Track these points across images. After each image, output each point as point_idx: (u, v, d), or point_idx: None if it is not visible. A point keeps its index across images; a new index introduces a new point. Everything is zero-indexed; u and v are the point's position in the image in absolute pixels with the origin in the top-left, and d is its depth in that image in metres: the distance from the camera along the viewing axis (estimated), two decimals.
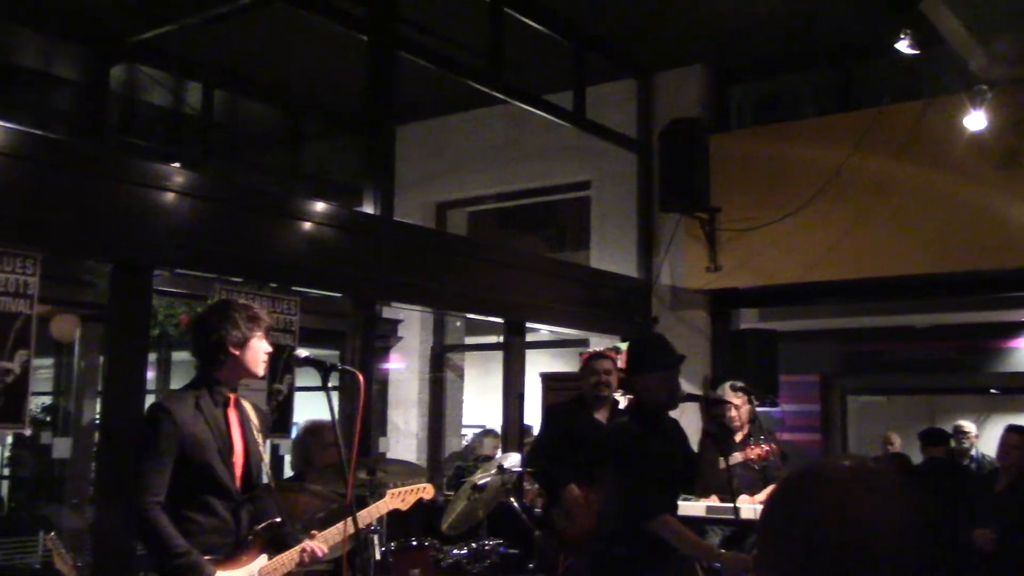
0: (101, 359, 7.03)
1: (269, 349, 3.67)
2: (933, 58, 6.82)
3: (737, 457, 5.93)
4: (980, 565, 5.53)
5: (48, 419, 8.42)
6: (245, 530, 3.55)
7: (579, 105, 8.02)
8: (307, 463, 4.97)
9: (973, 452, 8.38)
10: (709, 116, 8.37)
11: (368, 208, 6.42)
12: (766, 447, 5.82)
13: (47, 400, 8.59)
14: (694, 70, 8.42)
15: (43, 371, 8.24)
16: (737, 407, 6.17)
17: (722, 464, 4.68)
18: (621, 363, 7.17)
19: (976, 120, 6.66)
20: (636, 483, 4.00)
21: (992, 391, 11.13)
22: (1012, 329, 10.08)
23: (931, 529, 1.03)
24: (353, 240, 6.05)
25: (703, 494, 5.74)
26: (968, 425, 8.48)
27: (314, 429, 5.07)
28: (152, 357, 8.06)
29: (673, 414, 4.44)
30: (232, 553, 3.47)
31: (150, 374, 7.50)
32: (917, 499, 1.05)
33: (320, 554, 3.61)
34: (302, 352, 3.67)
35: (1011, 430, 5.92)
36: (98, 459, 5.43)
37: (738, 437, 6.14)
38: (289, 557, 3.57)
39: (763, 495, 5.93)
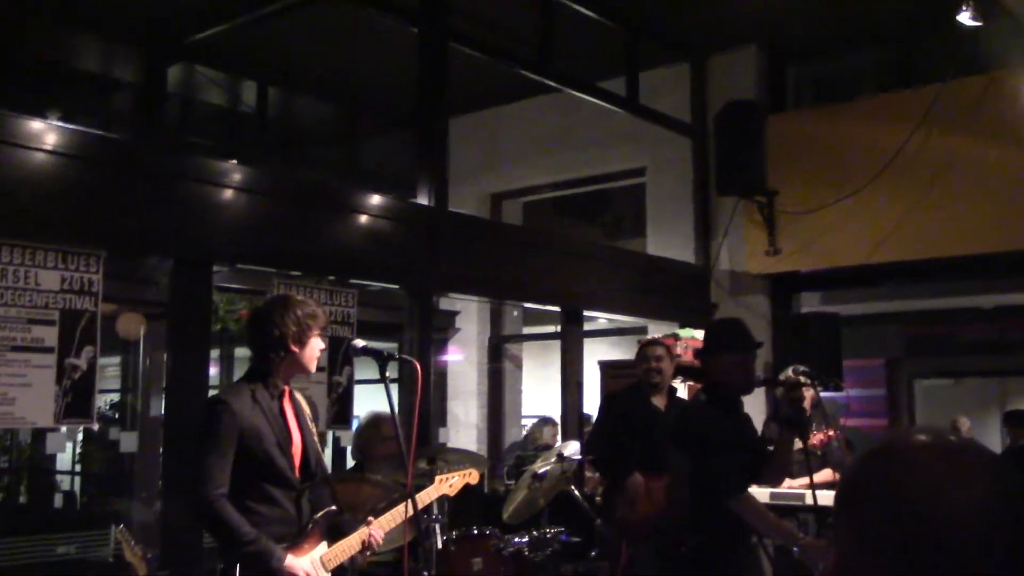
0: (166, 356, 7.15)
1: (323, 347, 3.69)
2: (996, 30, 6.64)
3: (798, 443, 5.87)
4: None
5: (116, 416, 8.61)
6: (306, 520, 3.59)
7: (632, 91, 7.95)
8: (366, 455, 5.00)
9: None
10: (765, 97, 8.25)
11: (423, 200, 6.44)
12: (831, 432, 5.72)
13: (115, 397, 8.78)
14: (748, 51, 8.30)
15: (111, 369, 8.42)
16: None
17: (798, 444, 4.62)
18: (680, 350, 7.13)
19: None
20: (716, 462, 3.95)
21: None
22: None
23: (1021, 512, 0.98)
24: (409, 232, 6.07)
25: (779, 481, 5.69)
26: None
27: (372, 421, 5.10)
28: (214, 353, 8.19)
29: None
30: (293, 542, 3.50)
31: (212, 370, 7.60)
32: (1008, 478, 1.00)
33: (378, 538, 3.63)
34: (359, 342, 3.67)
35: None
36: (164, 454, 5.52)
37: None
38: (349, 544, 3.60)
39: (817, 477, 5.84)
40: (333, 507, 3.64)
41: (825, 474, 5.90)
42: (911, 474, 1.00)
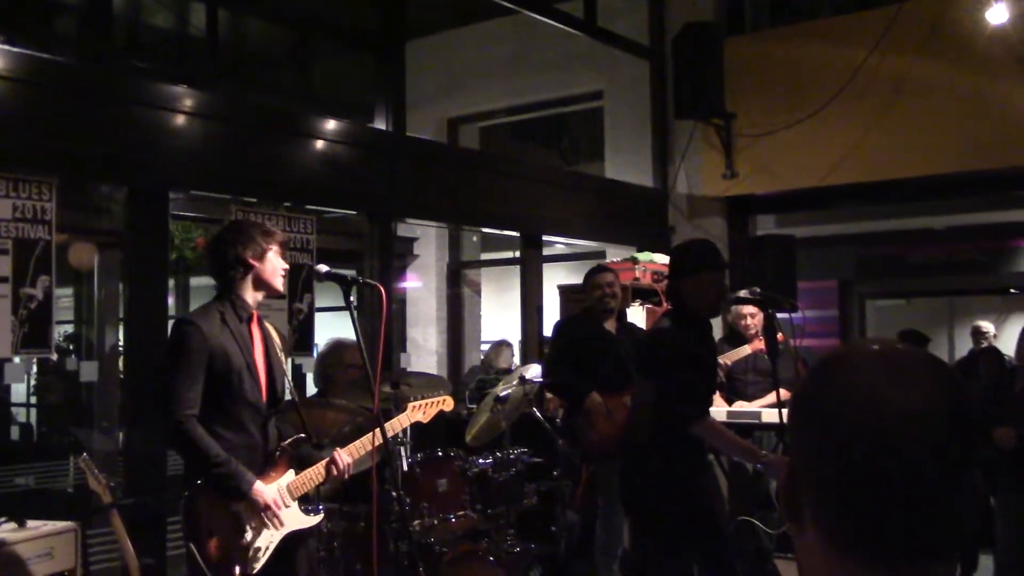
0: (121, 286, 7.07)
1: (286, 266, 3.67)
2: None
3: (746, 350, 6.00)
4: (1001, 463, 5.56)
5: (71, 347, 8.53)
6: (272, 447, 3.59)
7: (590, 13, 7.85)
8: (327, 382, 5.01)
9: None
10: (723, 19, 8.19)
11: (380, 125, 6.36)
12: (779, 336, 5.82)
13: (69, 328, 8.68)
14: None
15: (64, 300, 8.31)
16: (752, 315, 6.18)
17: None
18: (638, 274, 7.18)
19: (998, 13, 6.50)
20: (682, 387, 4.01)
21: (1012, 291, 11.08)
22: None
23: (959, 417, 1.01)
24: (366, 157, 6.01)
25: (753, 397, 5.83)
26: (986, 325, 8.45)
27: (334, 348, 5.10)
28: (171, 283, 8.11)
29: None
30: (260, 470, 3.50)
31: (170, 300, 7.54)
32: (950, 384, 1.02)
33: (346, 464, 3.65)
34: (323, 267, 3.66)
35: None
36: (124, 383, 5.49)
37: (753, 345, 6.14)
38: (316, 472, 3.61)
39: (767, 399, 5.98)
40: (302, 435, 3.64)
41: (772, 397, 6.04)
42: (853, 380, 1.02)
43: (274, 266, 3.60)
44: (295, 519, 3.57)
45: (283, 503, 3.50)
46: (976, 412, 1.02)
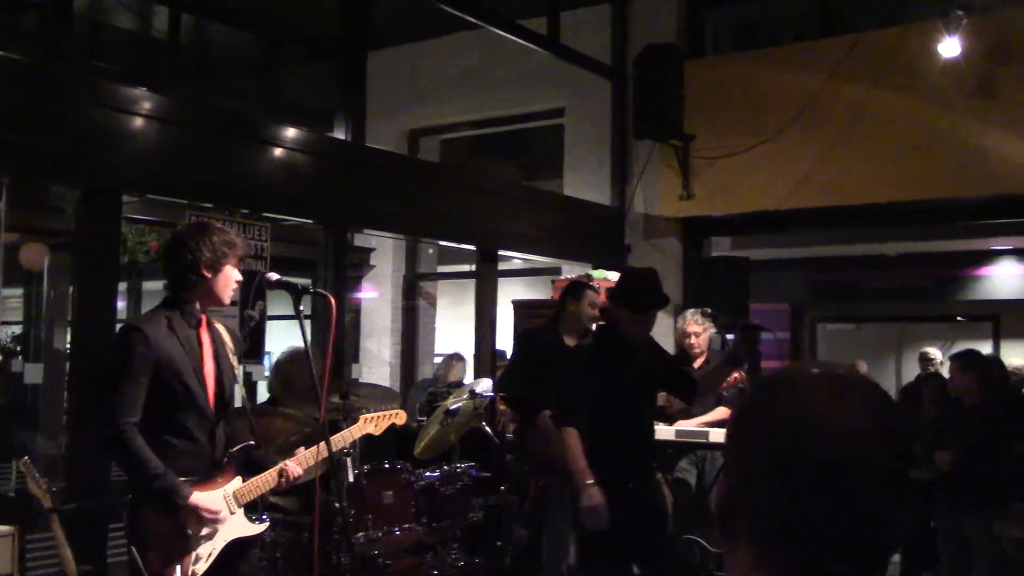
0: (71, 288, 6.98)
1: (239, 278, 3.61)
2: None
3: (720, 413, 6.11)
4: (940, 485, 5.66)
5: (17, 348, 8.38)
6: (220, 452, 3.55)
7: (553, 31, 7.91)
8: (286, 389, 4.97)
9: None
10: (685, 42, 8.28)
11: (340, 135, 6.35)
12: (736, 375, 5.89)
13: (17, 329, 8.54)
14: None
15: (13, 300, 8.18)
16: (698, 334, 6.25)
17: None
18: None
19: (950, 47, 6.63)
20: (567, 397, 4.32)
21: (959, 319, 11.29)
22: (980, 257, 10.20)
23: (897, 437, 1.03)
24: (325, 166, 5.99)
25: (708, 401, 5.92)
26: (934, 352, 8.60)
27: (295, 357, 5.05)
28: (122, 286, 8.00)
29: None
30: (207, 475, 3.46)
31: (120, 304, 7.42)
32: (886, 407, 1.04)
33: (296, 475, 3.63)
34: (273, 275, 3.63)
35: (955, 358, 5.96)
36: (69, 387, 5.41)
37: (697, 364, 6.20)
38: (264, 480, 3.57)
39: (712, 416, 6.06)
40: (251, 441, 3.61)
41: (720, 412, 6.12)
42: (794, 404, 1.03)
43: (227, 280, 3.52)
44: (240, 527, 3.52)
45: (228, 509, 3.46)
46: (908, 432, 1.04)
